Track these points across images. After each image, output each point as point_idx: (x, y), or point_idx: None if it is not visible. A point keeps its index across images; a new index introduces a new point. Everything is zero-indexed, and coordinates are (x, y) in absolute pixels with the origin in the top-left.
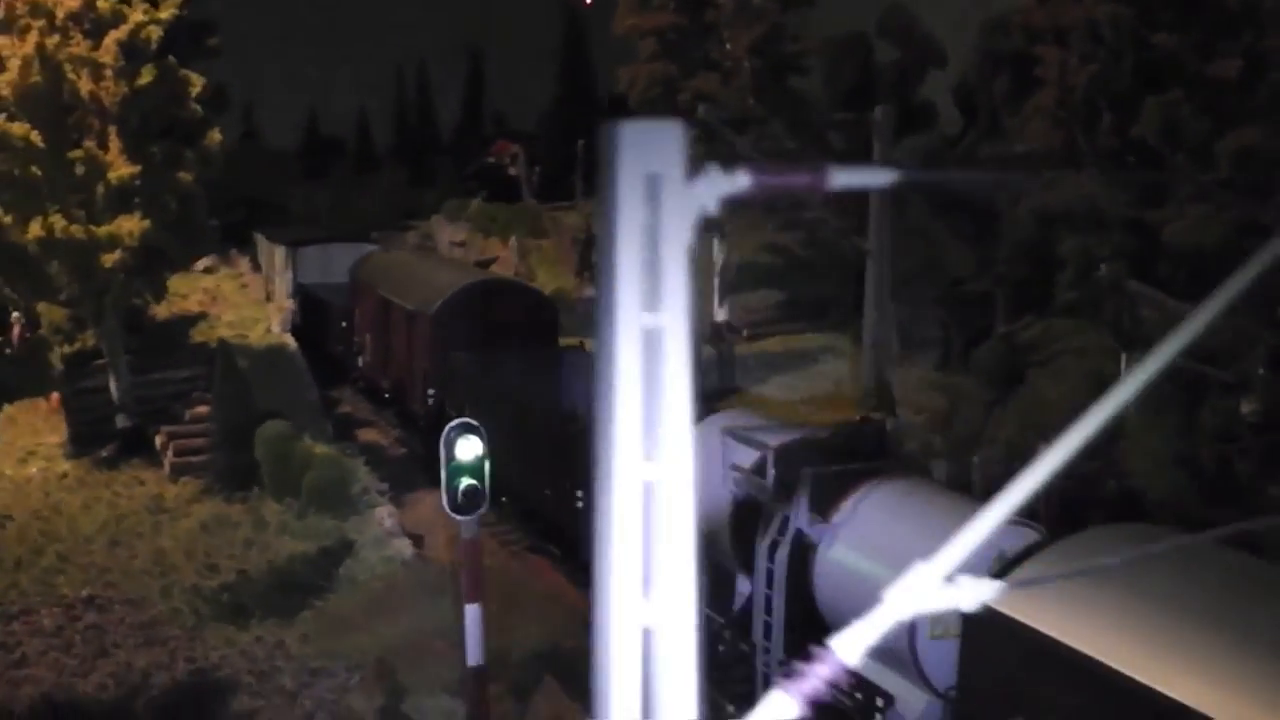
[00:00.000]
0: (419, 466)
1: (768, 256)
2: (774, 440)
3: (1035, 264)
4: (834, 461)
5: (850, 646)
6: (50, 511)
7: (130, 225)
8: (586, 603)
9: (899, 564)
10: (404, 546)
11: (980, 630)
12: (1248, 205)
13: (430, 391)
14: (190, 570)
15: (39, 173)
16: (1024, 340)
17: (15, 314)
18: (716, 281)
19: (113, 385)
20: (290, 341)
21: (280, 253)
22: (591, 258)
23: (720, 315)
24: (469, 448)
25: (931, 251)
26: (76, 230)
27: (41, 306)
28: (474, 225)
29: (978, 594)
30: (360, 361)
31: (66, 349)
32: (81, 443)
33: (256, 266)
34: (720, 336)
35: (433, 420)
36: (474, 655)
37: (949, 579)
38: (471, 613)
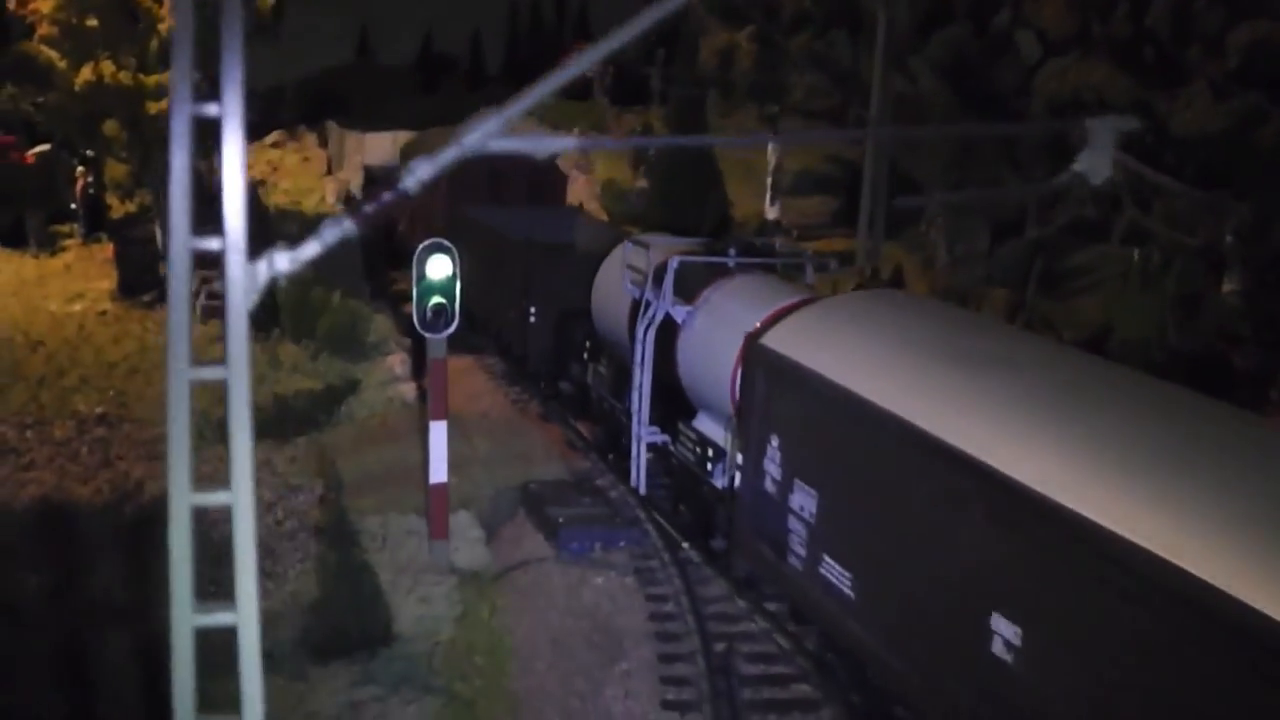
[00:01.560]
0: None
1: (827, 166)
2: (666, 245)
3: (1053, 157)
4: None
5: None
6: (81, 341)
7: None
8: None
9: (735, 332)
10: (409, 390)
11: (751, 364)
12: (1255, 96)
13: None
14: (201, 398)
15: (95, 23)
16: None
17: (80, 169)
18: (769, 181)
19: (158, 236)
20: (340, 211)
21: (351, 138)
22: (649, 155)
23: (771, 215)
24: (439, 267)
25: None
26: (124, 77)
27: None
28: (545, 120)
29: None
30: (400, 227)
31: (128, 205)
32: (129, 290)
33: (322, 143)
34: (767, 233)
35: None
36: (437, 473)
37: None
38: (436, 430)
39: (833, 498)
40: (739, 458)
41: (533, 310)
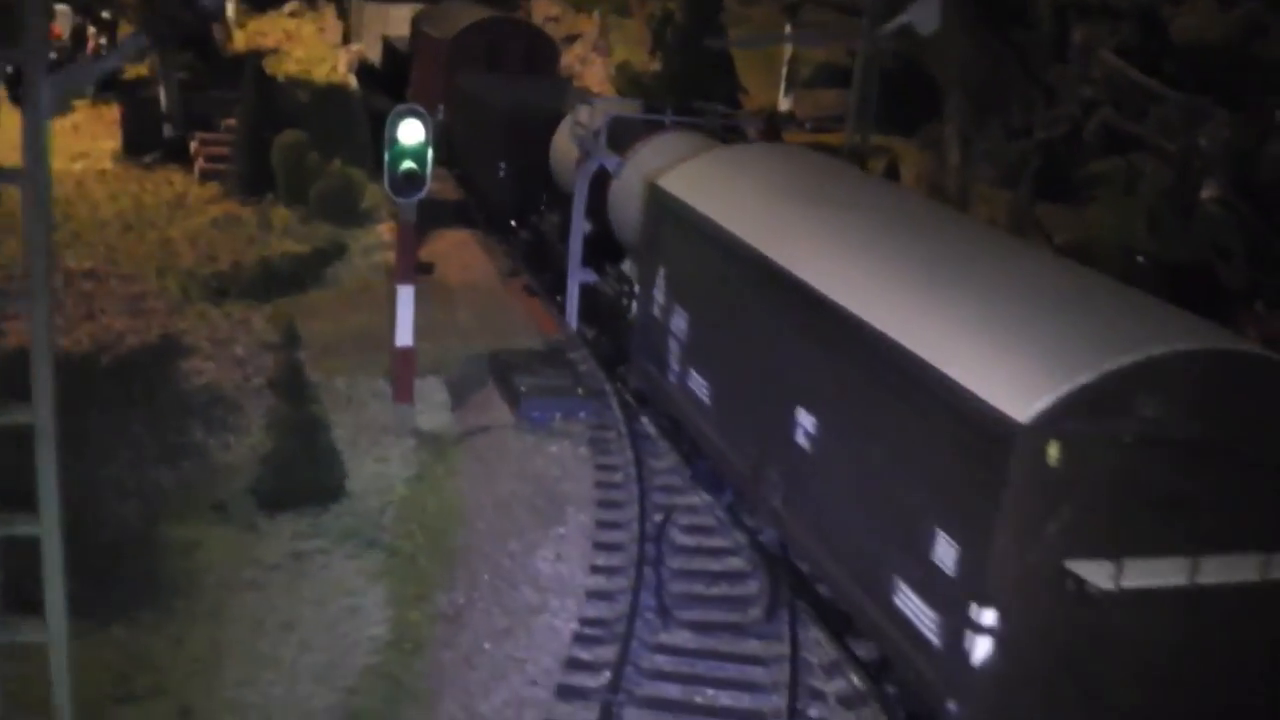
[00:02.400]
0: (460, 210)
1: (848, 60)
2: (610, 104)
3: (1056, 57)
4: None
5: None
6: (77, 198)
7: None
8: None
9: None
10: (393, 258)
11: (649, 203)
12: (1255, 5)
13: (440, 106)
14: (190, 258)
15: None
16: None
17: (91, 29)
18: (784, 73)
19: (162, 98)
20: (352, 81)
21: (370, 9)
22: (666, 37)
23: (784, 105)
24: (411, 131)
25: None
26: None
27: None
28: (568, 1)
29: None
30: (408, 94)
31: (140, 68)
32: (133, 150)
33: (342, 15)
34: (772, 125)
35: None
36: (403, 336)
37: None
38: (403, 293)
39: (699, 318)
40: (637, 289)
41: (502, 166)
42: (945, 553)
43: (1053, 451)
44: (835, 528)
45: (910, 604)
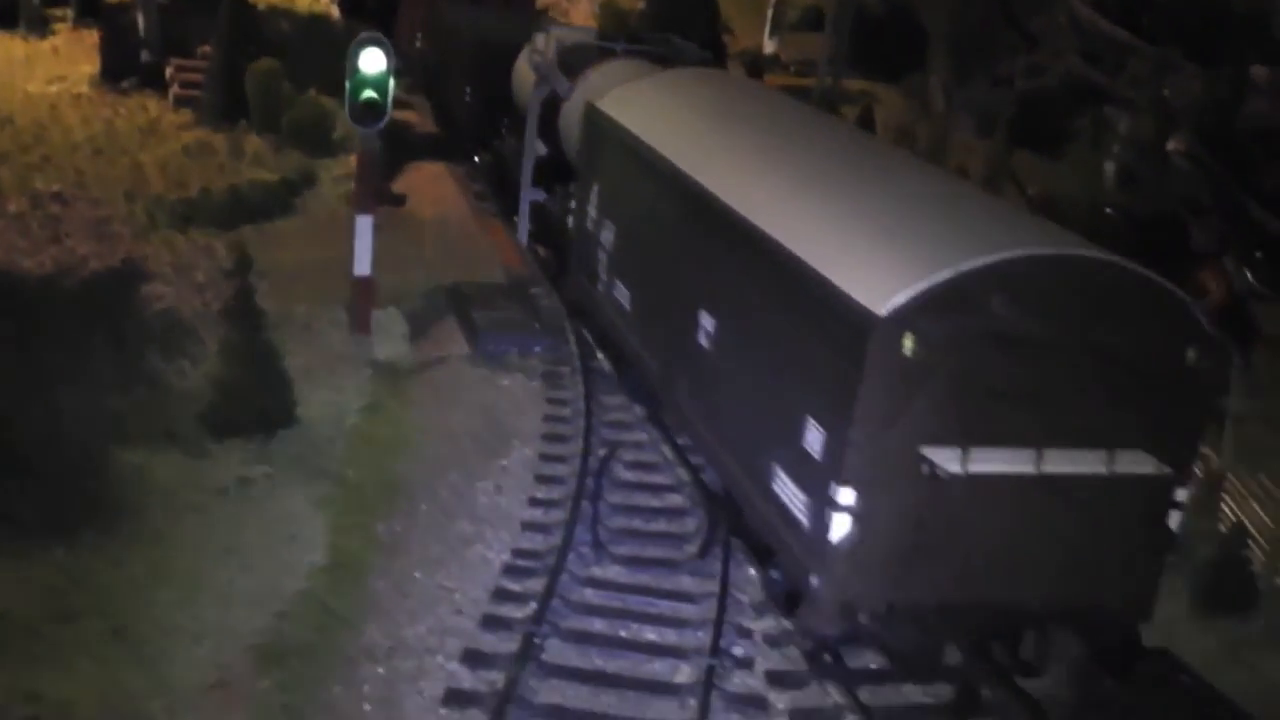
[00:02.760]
0: (442, 146)
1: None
2: (568, 33)
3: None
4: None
5: None
6: (51, 122)
7: None
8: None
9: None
10: None
11: (587, 123)
12: None
13: (417, 35)
14: (159, 184)
15: None
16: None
17: None
18: (769, 15)
19: (140, 23)
20: (335, 12)
21: None
22: None
23: (769, 48)
24: (372, 60)
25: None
26: None
27: None
28: None
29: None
30: (395, 26)
31: None
32: (111, 75)
33: None
34: (750, 63)
35: (414, 64)
36: (361, 266)
37: None
38: (363, 223)
39: (623, 231)
40: (574, 204)
41: (468, 91)
42: (814, 439)
43: (908, 343)
44: (728, 422)
45: (786, 489)
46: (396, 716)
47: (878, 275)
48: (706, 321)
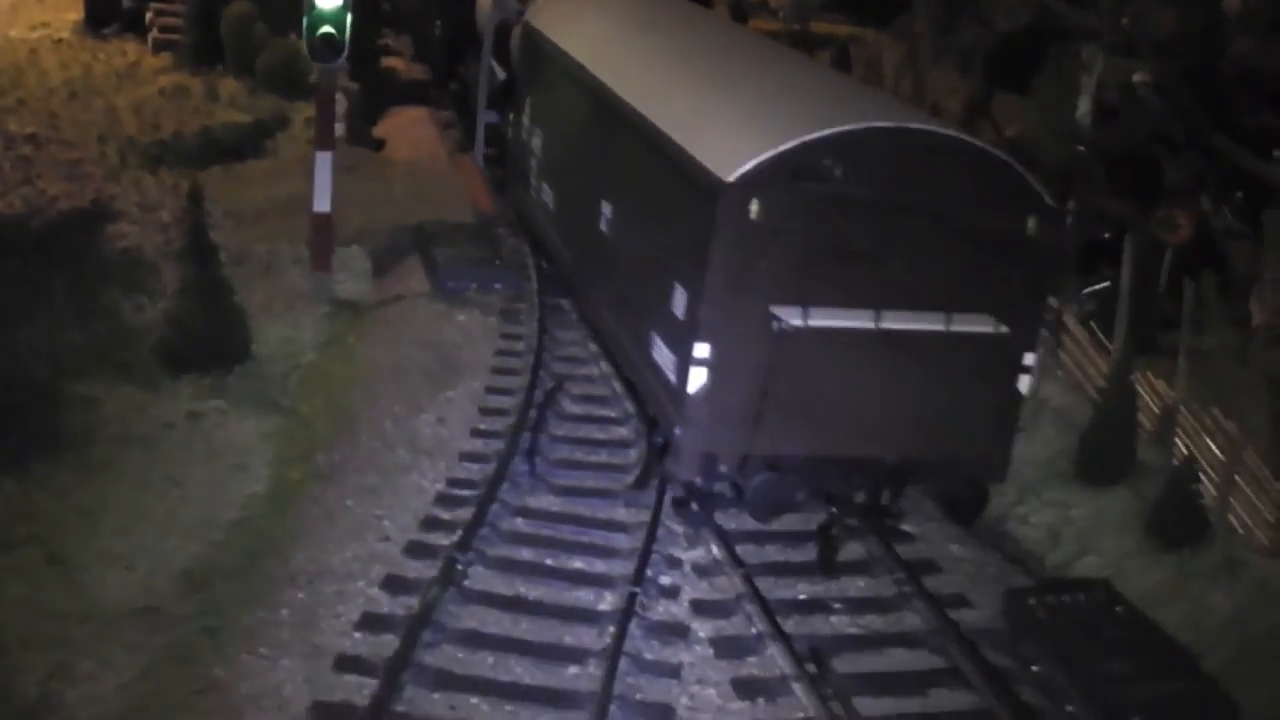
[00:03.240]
0: (424, 91)
1: None
2: None
3: None
4: None
5: None
6: (29, 66)
7: None
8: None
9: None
10: (339, 130)
11: (523, 39)
12: None
13: None
14: (133, 126)
15: None
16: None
17: None
18: None
19: None
20: None
21: None
22: None
23: None
24: None
25: None
26: None
27: None
28: None
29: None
30: None
31: None
32: (95, 22)
33: None
34: (741, 13)
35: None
36: (321, 202)
37: None
38: (321, 159)
39: (548, 136)
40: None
41: (438, 25)
42: (679, 301)
43: (754, 207)
44: (621, 301)
45: (661, 354)
46: (311, 639)
47: (731, 147)
48: (606, 209)
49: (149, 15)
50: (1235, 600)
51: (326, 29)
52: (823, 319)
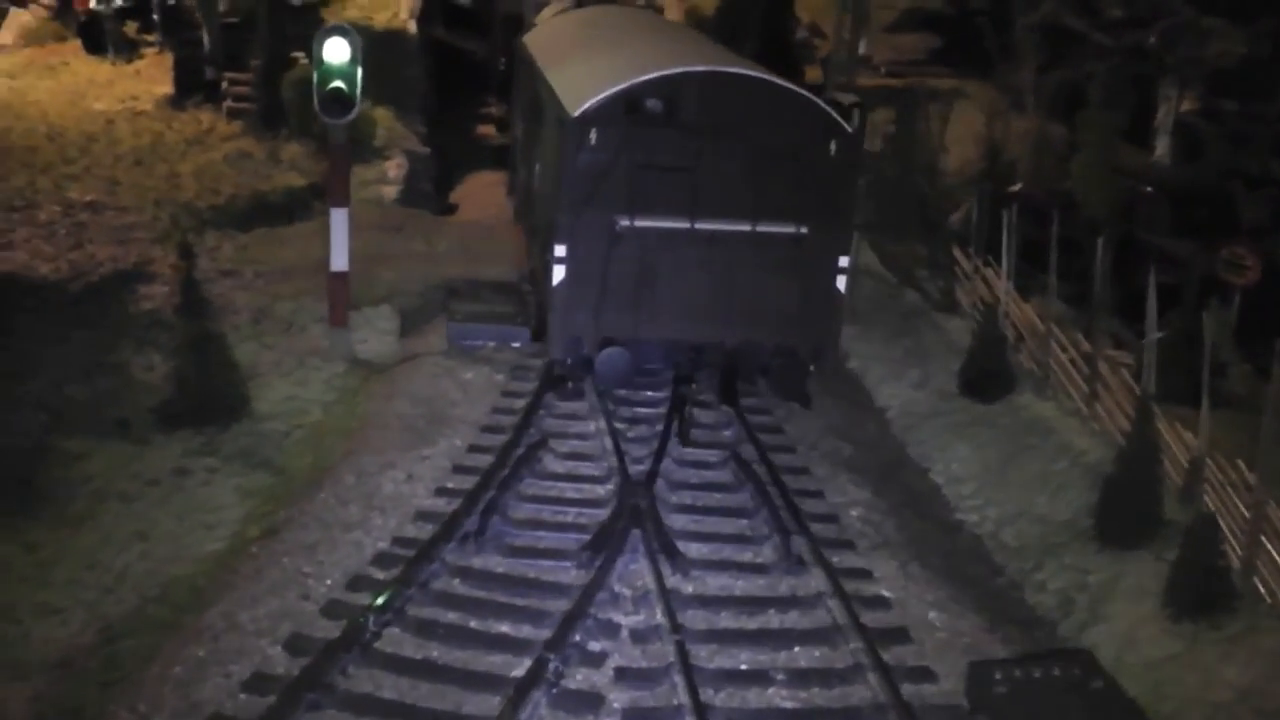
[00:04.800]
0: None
1: (939, 3)
2: None
3: None
4: None
5: None
6: (102, 135)
7: None
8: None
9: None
10: (390, 192)
11: (516, 53)
12: None
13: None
14: (192, 191)
15: None
16: None
17: None
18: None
19: (205, 40)
20: (411, 28)
21: None
22: None
23: (861, 49)
24: (337, 50)
25: None
26: None
27: None
28: None
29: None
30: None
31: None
32: (182, 94)
33: None
34: (827, 62)
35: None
36: (338, 261)
37: None
38: (337, 217)
39: (524, 127)
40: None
41: (502, 61)
42: (551, 216)
43: (592, 135)
44: (533, 230)
45: (544, 261)
46: (191, 697)
47: (585, 92)
48: (536, 168)
49: (224, 84)
50: (1250, 674)
51: (336, 84)
52: (647, 221)
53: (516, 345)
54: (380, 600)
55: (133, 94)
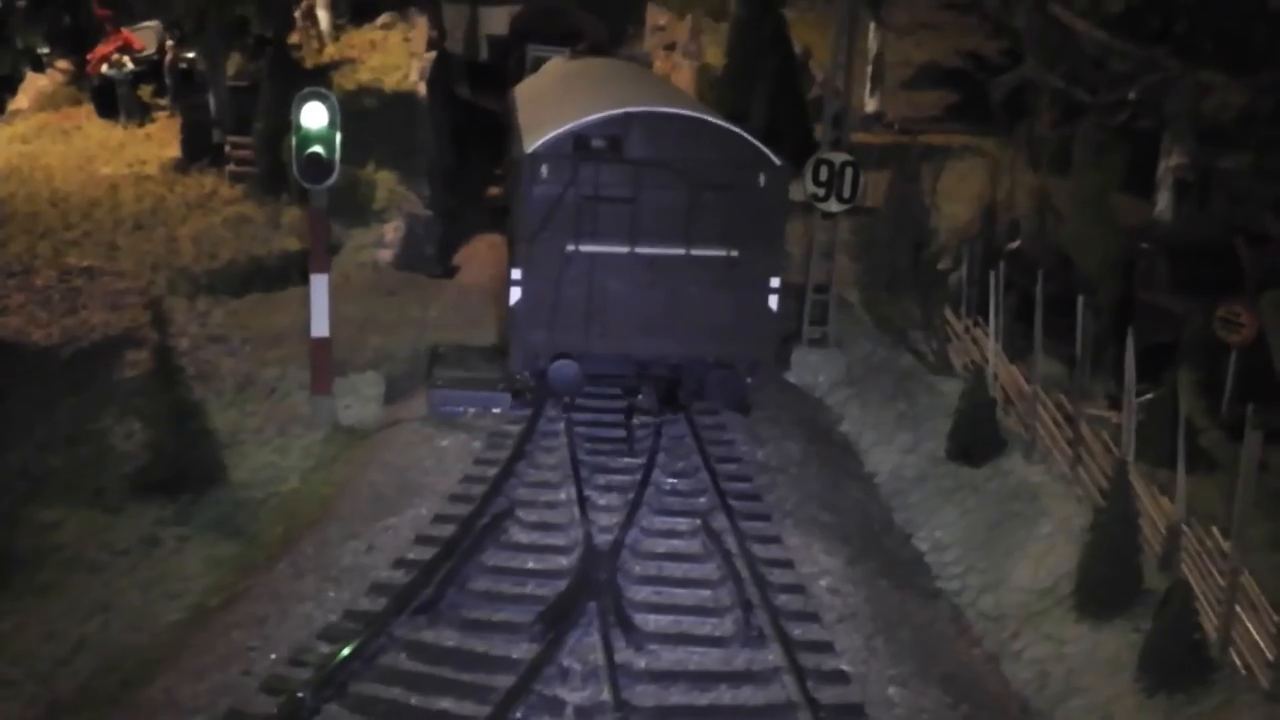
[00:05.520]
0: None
1: (957, 60)
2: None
3: None
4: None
5: None
6: (106, 199)
7: None
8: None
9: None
10: (385, 255)
11: (508, 100)
12: None
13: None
14: (189, 256)
15: None
16: None
17: (170, 42)
18: (869, 71)
19: (211, 103)
20: (421, 90)
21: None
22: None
23: (870, 107)
24: (315, 115)
25: None
26: None
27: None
28: (667, 7)
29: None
30: None
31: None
32: (190, 157)
33: (434, 25)
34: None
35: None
36: (318, 327)
37: None
38: (317, 283)
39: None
40: None
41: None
42: (511, 242)
43: (544, 170)
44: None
45: (507, 283)
46: None
47: (540, 131)
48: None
49: (227, 147)
50: None
51: (315, 149)
52: (593, 247)
53: (497, 411)
54: (320, 676)
55: (141, 158)
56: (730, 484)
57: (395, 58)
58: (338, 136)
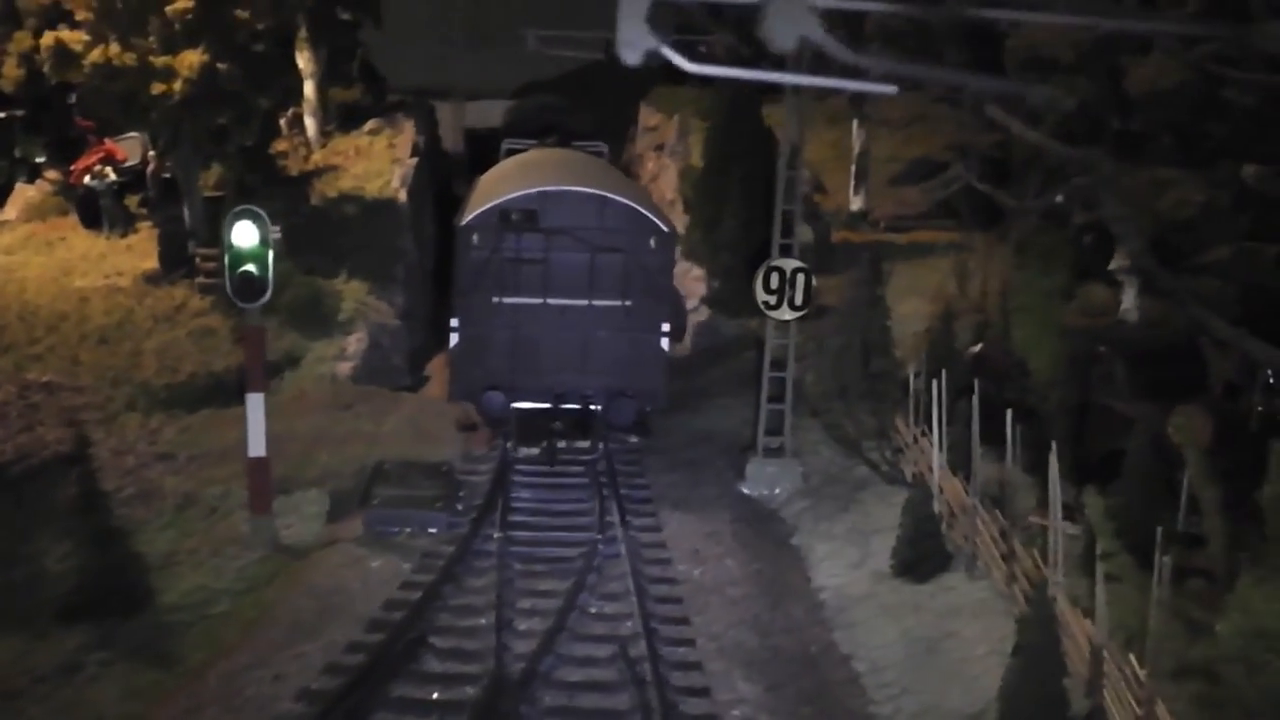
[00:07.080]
0: None
1: (948, 154)
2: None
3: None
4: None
5: None
6: (74, 312)
7: (191, 59)
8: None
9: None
10: (345, 369)
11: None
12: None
13: None
14: (151, 369)
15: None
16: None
17: (150, 152)
18: (853, 169)
19: (186, 214)
20: (402, 196)
21: (446, 109)
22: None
23: (855, 204)
24: (246, 234)
25: None
26: (129, 59)
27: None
28: (658, 108)
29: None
30: None
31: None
32: (167, 268)
33: (424, 131)
34: (816, 218)
35: None
36: (255, 446)
37: None
38: (253, 402)
39: None
40: None
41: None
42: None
43: (475, 238)
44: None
45: (450, 329)
46: None
47: (476, 206)
48: None
49: (197, 259)
50: None
51: (247, 268)
52: (515, 299)
53: (433, 531)
54: None
55: (119, 269)
56: (659, 606)
57: (379, 164)
58: (270, 255)
